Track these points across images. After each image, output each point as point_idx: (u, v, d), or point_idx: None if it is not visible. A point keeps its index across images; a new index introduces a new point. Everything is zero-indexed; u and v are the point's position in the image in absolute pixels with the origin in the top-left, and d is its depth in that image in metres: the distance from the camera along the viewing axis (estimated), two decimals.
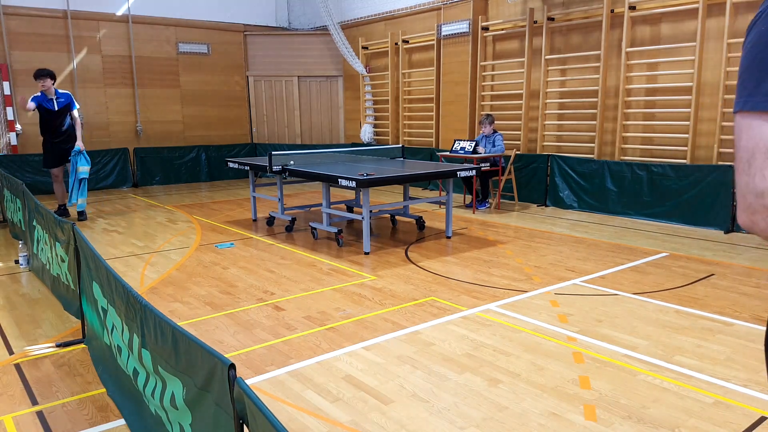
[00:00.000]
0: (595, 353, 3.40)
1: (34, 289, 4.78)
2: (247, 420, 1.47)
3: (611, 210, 7.81)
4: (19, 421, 2.73)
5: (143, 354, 2.17)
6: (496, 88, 9.54)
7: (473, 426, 2.63)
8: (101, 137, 11.04)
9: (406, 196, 7.13)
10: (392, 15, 11.01)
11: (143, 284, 4.89)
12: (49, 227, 4.10)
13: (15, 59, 9.94)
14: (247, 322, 3.98)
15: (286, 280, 4.97)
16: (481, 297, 4.46)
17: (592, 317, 4.00)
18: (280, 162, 6.72)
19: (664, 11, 7.24)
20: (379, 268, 5.33)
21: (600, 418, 2.69)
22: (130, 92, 11.25)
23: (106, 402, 2.88)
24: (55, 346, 3.59)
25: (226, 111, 12.45)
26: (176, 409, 1.94)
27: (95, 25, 10.70)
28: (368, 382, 3.07)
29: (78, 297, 3.49)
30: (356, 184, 5.49)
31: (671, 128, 7.32)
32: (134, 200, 9.65)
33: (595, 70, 8.04)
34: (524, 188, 8.88)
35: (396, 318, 4.02)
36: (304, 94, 12.72)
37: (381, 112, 11.73)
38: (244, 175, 12.58)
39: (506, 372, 3.17)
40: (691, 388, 2.95)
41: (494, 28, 9.30)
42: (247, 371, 3.21)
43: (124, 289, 2.28)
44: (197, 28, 11.80)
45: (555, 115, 8.72)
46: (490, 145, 8.37)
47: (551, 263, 5.42)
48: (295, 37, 12.52)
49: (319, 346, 3.56)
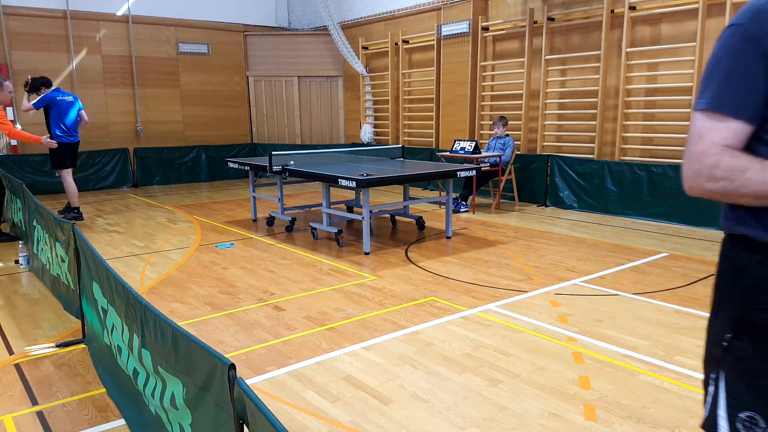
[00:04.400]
0: (595, 353, 3.40)
1: (34, 289, 4.78)
2: (247, 420, 1.47)
3: (611, 210, 7.81)
4: (19, 421, 2.73)
5: (143, 354, 2.17)
6: (496, 88, 9.54)
7: (473, 426, 2.63)
8: (101, 137, 11.04)
9: (406, 196, 7.13)
10: (392, 15, 11.01)
11: (143, 284, 4.89)
12: (49, 227, 4.11)
13: (15, 59, 9.94)
14: (247, 322, 3.98)
15: (286, 280, 4.97)
16: (481, 297, 4.46)
17: (592, 317, 4.00)
18: (280, 162, 6.72)
19: (664, 11, 7.24)
20: (379, 268, 5.33)
21: (600, 418, 2.69)
22: (130, 92, 11.25)
23: (106, 402, 2.88)
24: (55, 346, 3.59)
25: (226, 111, 12.45)
26: (176, 409, 1.94)
27: (95, 25, 10.70)
28: (368, 382, 3.07)
29: (78, 297, 3.49)
30: (356, 184, 5.49)
31: (671, 128, 7.32)
32: (134, 200, 9.65)
33: (595, 70, 8.04)
34: (524, 188, 8.88)
35: (396, 318, 4.02)
36: (304, 94, 12.72)
37: (381, 112, 11.73)
38: (244, 175, 12.58)
39: (506, 372, 3.17)
40: (691, 388, 2.95)
41: (494, 28, 9.30)
42: (247, 371, 3.21)
43: (124, 289, 2.28)
44: (197, 28, 11.80)
45: (555, 115, 8.72)
46: (500, 147, 8.36)
47: (551, 263, 5.42)
48: (295, 37, 12.52)
49: (319, 346, 3.56)
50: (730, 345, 1.25)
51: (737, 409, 1.24)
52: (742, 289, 1.23)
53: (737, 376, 1.24)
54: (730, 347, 1.25)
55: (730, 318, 1.25)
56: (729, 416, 1.26)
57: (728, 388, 1.26)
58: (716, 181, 1.17)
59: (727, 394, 1.26)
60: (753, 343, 1.21)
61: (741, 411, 1.24)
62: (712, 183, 1.17)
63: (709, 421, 1.30)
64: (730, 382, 1.25)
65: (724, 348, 1.26)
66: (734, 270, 1.26)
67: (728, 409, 1.26)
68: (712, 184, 1.17)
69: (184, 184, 11.80)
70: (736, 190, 1.15)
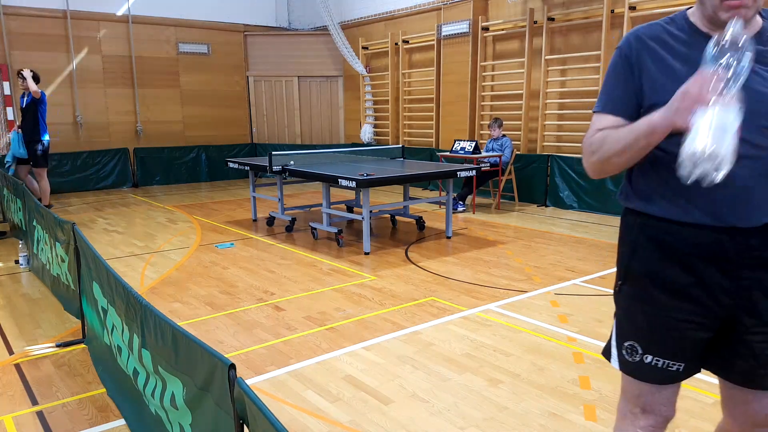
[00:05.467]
0: (596, 353, 3.40)
1: (34, 289, 4.78)
2: (247, 420, 1.47)
3: (611, 210, 7.81)
4: (19, 421, 2.73)
5: (143, 354, 2.17)
6: (496, 88, 9.54)
7: (473, 426, 2.63)
8: (101, 137, 11.03)
9: (406, 196, 7.13)
10: (392, 15, 11.01)
11: (143, 284, 4.89)
12: (49, 227, 4.10)
13: (15, 59, 9.94)
14: (247, 323, 3.98)
15: (286, 280, 4.97)
16: (481, 297, 4.46)
17: (592, 317, 4.00)
18: (280, 162, 6.72)
19: (664, 11, 7.23)
20: (379, 268, 5.33)
21: (600, 418, 2.69)
22: (130, 92, 11.25)
23: (106, 402, 2.88)
24: (55, 346, 3.59)
25: (226, 111, 12.45)
26: (176, 409, 1.94)
27: (95, 25, 10.70)
28: (368, 382, 3.07)
29: (78, 297, 3.49)
30: (356, 184, 5.49)
31: None
32: (134, 200, 9.65)
33: (595, 70, 8.04)
34: (524, 188, 8.88)
35: (396, 318, 4.02)
36: (304, 94, 12.71)
37: (381, 112, 11.73)
38: (244, 175, 12.58)
39: (506, 372, 3.17)
40: (691, 388, 2.95)
41: (494, 28, 9.30)
42: (248, 371, 3.21)
43: (124, 289, 2.28)
44: (197, 28, 11.80)
45: (555, 115, 8.72)
46: (498, 148, 8.37)
47: (551, 263, 5.42)
48: (295, 37, 12.52)
49: (319, 346, 3.56)
50: (620, 289, 1.61)
51: (623, 339, 1.60)
52: (628, 246, 1.58)
53: (622, 313, 1.61)
54: (620, 291, 1.61)
55: (621, 269, 1.60)
56: (618, 345, 1.62)
57: (617, 324, 1.63)
58: (593, 154, 1.51)
59: (617, 328, 1.63)
60: (631, 287, 1.57)
61: (625, 340, 1.59)
62: (592, 156, 1.51)
63: (606, 349, 1.68)
64: (619, 318, 1.63)
65: (616, 292, 1.63)
66: (624, 232, 1.61)
67: (617, 339, 1.62)
68: (592, 157, 1.51)
69: (184, 184, 11.80)
70: (605, 154, 1.47)
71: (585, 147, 1.54)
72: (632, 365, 1.58)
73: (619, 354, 1.61)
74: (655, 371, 1.55)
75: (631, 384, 1.61)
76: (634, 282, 1.56)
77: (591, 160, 1.52)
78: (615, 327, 1.64)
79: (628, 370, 1.60)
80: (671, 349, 1.53)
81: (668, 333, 1.51)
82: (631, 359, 1.58)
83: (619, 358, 1.61)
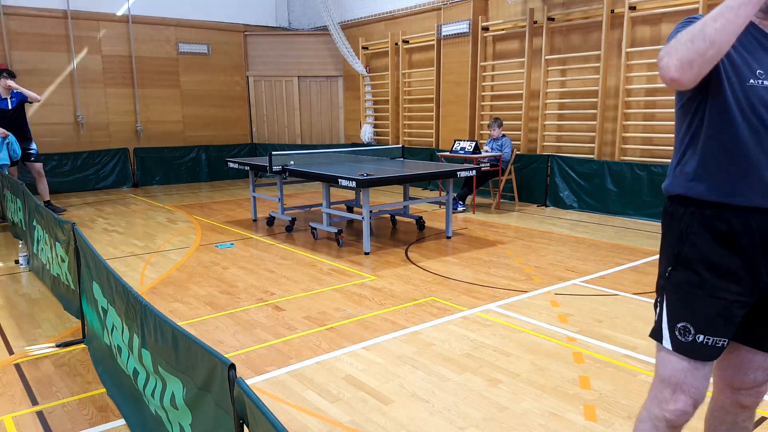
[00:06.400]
0: (595, 353, 3.40)
1: (34, 289, 4.78)
2: (247, 420, 1.47)
3: (611, 210, 7.81)
4: (19, 421, 2.73)
5: (143, 354, 2.17)
6: (496, 88, 9.54)
7: (473, 426, 2.63)
8: (101, 137, 11.03)
9: (406, 196, 7.13)
10: (392, 15, 11.01)
11: (143, 284, 4.89)
12: (49, 227, 4.10)
13: (15, 59, 9.94)
14: (247, 322, 3.98)
15: (286, 280, 4.97)
16: (481, 297, 4.46)
17: (592, 317, 4.00)
18: (280, 162, 6.72)
19: (664, 11, 7.24)
20: (379, 268, 5.33)
21: (600, 418, 2.69)
22: (130, 92, 11.25)
23: (106, 402, 2.88)
24: (55, 346, 3.59)
25: (226, 111, 12.45)
26: (176, 409, 1.94)
27: (95, 25, 10.70)
28: (368, 382, 3.07)
29: (78, 297, 3.49)
30: (356, 184, 5.49)
31: (671, 128, 7.32)
32: (134, 200, 9.65)
33: (595, 70, 8.04)
34: (524, 188, 8.88)
35: (396, 318, 4.02)
36: (304, 94, 12.72)
37: (381, 112, 11.73)
38: (244, 175, 12.58)
39: (506, 372, 3.17)
40: None
41: (494, 28, 9.30)
42: (247, 371, 3.21)
43: (124, 289, 2.28)
44: (197, 28, 11.80)
45: (555, 115, 8.72)
46: (498, 148, 8.37)
47: (551, 263, 5.42)
48: (295, 37, 12.52)
49: (319, 346, 3.56)
50: (669, 275, 1.70)
51: (675, 321, 1.68)
52: (678, 233, 1.68)
53: (674, 296, 1.69)
54: (669, 276, 1.70)
55: (671, 255, 1.70)
56: (669, 327, 1.70)
57: (668, 307, 1.71)
58: (691, 44, 1.47)
59: (668, 311, 1.71)
60: (683, 271, 1.67)
61: (678, 322, 1.68)
62: (689, 49, 1.46)
63: (655, 331, 1.75)
64: (670, 301, 1.71)
65: (665, 278, 1.71)
66: (672, 219, 1.71)
67: (669, 322, 1.70)
68: (690, 49, 1.46)
69: (184, 184, 11.80)
70: (705, 41, 1.44)
71: (678, 44, 1.49)
72: (686, 345, 1.66)
73: (671, 335, 1.69)
74: (706, 349, 1.64)
75: (670, 364, 1.69)
76: (686, 267, 1.66)
77: (689, 55, 1.47)
78: (665, 311, 1.71)
79: (682, 349, 1.67)
80: (720, 327, 1.63)
81: (718, 313, 1.62)
82: (684, 339, 1.66)
83: (672, 338, 1.69)
